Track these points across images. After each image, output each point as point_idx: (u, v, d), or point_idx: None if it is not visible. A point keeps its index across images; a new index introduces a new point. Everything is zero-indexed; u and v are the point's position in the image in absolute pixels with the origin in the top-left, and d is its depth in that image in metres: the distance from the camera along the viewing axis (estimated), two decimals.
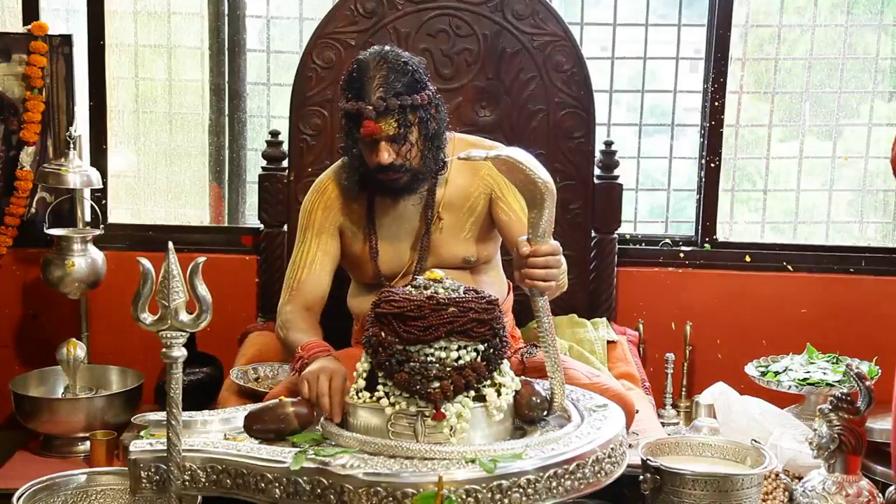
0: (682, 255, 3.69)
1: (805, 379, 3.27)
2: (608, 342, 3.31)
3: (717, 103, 3.63)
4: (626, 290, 3.60)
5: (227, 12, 3.77)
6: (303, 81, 3.34)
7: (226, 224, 3.84)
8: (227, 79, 3.79)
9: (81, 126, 3.58)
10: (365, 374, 2.11)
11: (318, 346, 2.46)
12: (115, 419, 3.19)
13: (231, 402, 2.71)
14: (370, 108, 2.52)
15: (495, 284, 2.83)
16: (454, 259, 2.76)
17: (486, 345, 2.08)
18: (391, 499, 1.89)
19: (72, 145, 3.40)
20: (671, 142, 3.81)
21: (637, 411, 2.74)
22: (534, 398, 2.15)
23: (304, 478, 1.95)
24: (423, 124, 2.60)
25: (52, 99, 3.52)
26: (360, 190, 2.72)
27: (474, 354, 2.07)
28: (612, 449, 2.10)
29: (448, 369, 2.03)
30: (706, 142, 3.66)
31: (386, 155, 2.56)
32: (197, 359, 3.28)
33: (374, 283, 2.79)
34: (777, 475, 2.74)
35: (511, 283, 2.93)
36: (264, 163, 3.45)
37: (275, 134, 3.46)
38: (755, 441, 2.68)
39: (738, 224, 3.86)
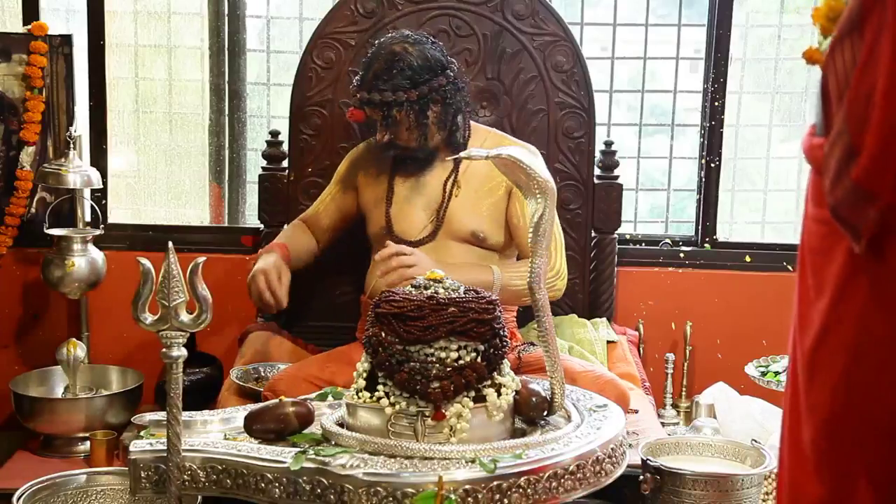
0: (682, 255, 3.68)
1: None
2: (608, 342, 3.30)
3: (717, 103, 3.63)
4: (626, 290, 3.59)
5: (227, 12, 3.77)
6: (303, 81, 3.34)
7: (226, 224, 3.84)
8: (227, 79, 3.79)
9: (81, 126, 3.57)
10: (365, 374, 2.11)
11: (274, 244, 2.91)
12: (115, 419, 3.19)
13: (231, 402, 2.72)
14: (356, 96, 2.79)
15: None
16: (464, 231, 2.86)
17: (486, 345, 2.07)
18: (391, 499, 1.89)
19: (72, 145, 3.39)
20: (671, 142, 3.80)
21: (636, 411, 2.74)
22: (534, 398, 2.15)
23: (304, 478, 1.95)
24: (418, 114, 2.76)
25: (52, 99, 3.51)
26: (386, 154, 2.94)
27: (474, 354, 2.06)
28: (612, 449, 2.10)
29: (448, 369, 2.03)
30: (706, 142, 3.66)
31: (379, 136, 2.83)
32: (197, 359, 3.28)
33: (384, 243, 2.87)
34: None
35: None
36: (264, 163, 3.45)
37: (275, 134, 3.46)
38: (755, 441, 2.68)
39: (738, 224, 3.85)
